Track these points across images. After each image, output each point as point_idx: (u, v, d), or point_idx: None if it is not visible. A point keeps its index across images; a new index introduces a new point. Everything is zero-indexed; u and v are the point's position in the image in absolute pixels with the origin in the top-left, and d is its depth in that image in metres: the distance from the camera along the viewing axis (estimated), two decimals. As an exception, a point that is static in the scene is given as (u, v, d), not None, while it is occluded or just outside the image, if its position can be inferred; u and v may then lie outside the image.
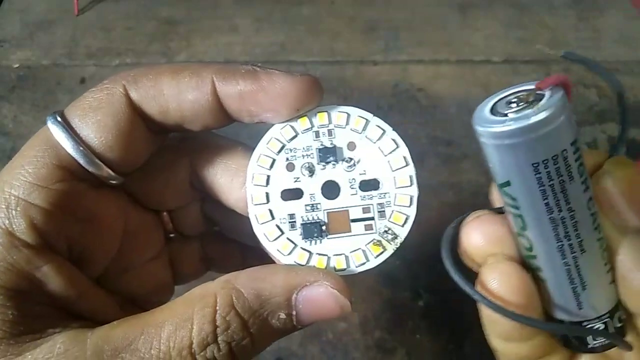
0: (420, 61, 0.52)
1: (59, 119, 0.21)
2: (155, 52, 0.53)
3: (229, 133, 0.25)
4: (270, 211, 0.22)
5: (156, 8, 0.56)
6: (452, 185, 0.45)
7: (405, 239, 0.22)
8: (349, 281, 0.21)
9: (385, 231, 0.22)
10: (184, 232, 0.28)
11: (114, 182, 0.23)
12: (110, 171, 0.22)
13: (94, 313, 0.21)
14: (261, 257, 0.23)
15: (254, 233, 0.23)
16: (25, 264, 0.20)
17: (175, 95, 0.22)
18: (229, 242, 0.30)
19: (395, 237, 0.22)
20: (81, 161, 0.21)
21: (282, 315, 0.20)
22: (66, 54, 0.53)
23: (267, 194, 0.22)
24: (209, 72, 0.22)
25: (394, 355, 0.40)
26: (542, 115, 0.16)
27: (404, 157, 0.23)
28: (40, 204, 0.20)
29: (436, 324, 0.41)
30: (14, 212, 0.20)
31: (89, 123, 0.21)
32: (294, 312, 0.20)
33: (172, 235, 0.28)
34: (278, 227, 0.22)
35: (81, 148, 0.21)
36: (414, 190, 0.22)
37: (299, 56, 0.53)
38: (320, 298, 0.20)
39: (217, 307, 0.19)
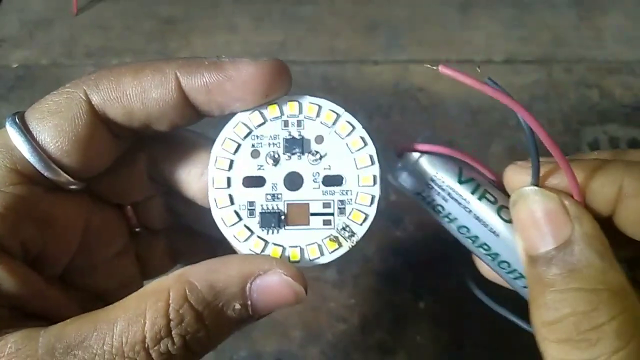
0: (420, 60, 0.51)
1: (17, 121, 0.21)
2: (154, 51, 0.53)
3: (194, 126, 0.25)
4: (230, 196, 0.22)
5: (155, 7, 0.56)
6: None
7: (362, 237, 0.22)
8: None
9: (344, 228, 0.22)
10: (150, 226, 0.28)
11: (73, 187, 0.22)
12: (68, 177, 0.22)
13: (50, 312, 0.21)
14: (230, 250, 0.23)
15: (212, 217, 0.22)
16: None
17: (139, 95, 0.21)
18: (196, 235, 0.29)
19: (353, 234, 0.22)
20: (37, 166, 0.21)
21: (237, 306, 0.20)
22: (65, 53, 0.53)
23: (228, 178, 0.22)
24: (172, 67, 0.21)
25: (395, 357, 0.40)
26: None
27: (370, 156, 0.22)
28: None
29: (437, 325, 0.41)
30: None
31: (47, 127, 0.21)
32: (249, 302, 0.20)
33: (137, 229, 0.28)
34: (236, 213, 0.22)
35: (38, 153, 0.21)
36: (375, 190, 0.22)
37: (299, 55, 0.52)
38: (274, 286, 0.20)
39: (170, 301, 0.19)
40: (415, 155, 0.24)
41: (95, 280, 0.26)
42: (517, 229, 0.21)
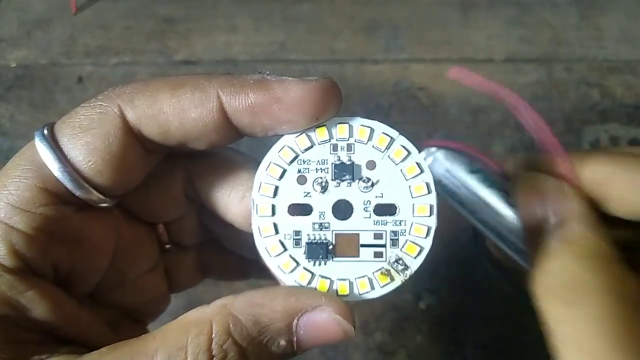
0: (421, 60, 0.51)
1: (46, 134, 0.20)
2: (153, 51, 0.53)
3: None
4: (275, 225, 0.21)
5: (155, 7, 0.55)
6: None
7: (416, 271, 0.21)
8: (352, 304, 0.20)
9: (396, 261, 0.21)
10: (181, 242, 0.27)
11: (104, 204, 0.22)
12: (100, 195, 0.21)
13: (83, 336, 0.20)
14: (262, 269, 0.22)
15: (255, 246, 0.21)
16: (8, 289, 0.19)
17: (177, 114, 0.20)
18: (227, 252, 0.28)
19: (406, 268, 0.21)
20: (68, 185, 0.20)
21: (282, 342, 0.19)
22: (64, 53, 0.53)
23: (273, 206, 0.21)
24: (214, 85, 0.20)
25: (395, 358, 0.40)
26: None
27: (427, 184, 0.21)
28: (22, 229, 0.19)
29: (437, 326, 0.41)
30: None
31: (78, 144, 0.20)
32: (294, 338, 0.19)
33: (167, 246, 0.27)
34: (281, 242, 0.21)
35: (68, 171, 0.20)
36: (432, 221, 0.21)
37: (299, 55, 0.52)
38: (322, 323, 0.19)
39: (213, 335, 0.18)
40: (432, 149, 0.24)
41: (125, 297, 0.25)
42: (521, 209, 0.22)
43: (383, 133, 0.21)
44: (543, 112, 0.48)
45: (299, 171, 0.21)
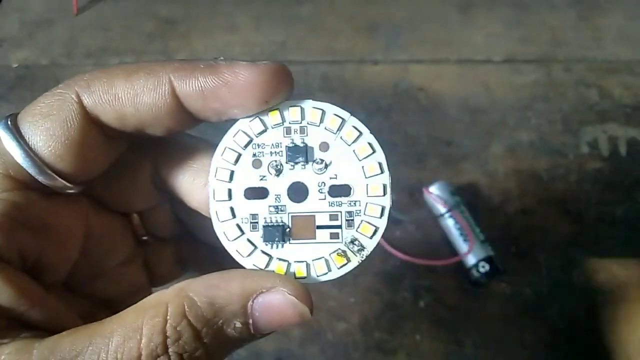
0: (420, 61, 0.51)
1: (10, 124, 0.20)
2: (154, 51, 0.53)
3: (194, 130, 0.24)
4: (232, 209, 0.21)
5: (155, 7, 0.56)
6: (451, 185, 0.45)
7: (372, 252, 0.21)
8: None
9: (352, 241, 0.21)
10: (157, 234, 0.27)
11: (70, 191, 0.22)
12: (64, 181, 0.21)
13: (48, 323, 0.20)
14: (233, 259, 0.22)
15: (213, 231, 0.21)
16: None
17: (131, 99, 0.20)
18: (203, 244, 0.28)
19: (362, 249, 0.21)
20: (31, 171, 0.20)
21: (238, 324, 0.19)
22: (65, 53, 0.53)
23: (229, 190, 0.21)
24: (167, 70, 0.20)
25: (395, 356, 0.40)
26: None
27: (380, 164, 0.21)
28: None
29: (437, 325, 0.41)
30: None
31: (39, 131, 0.20)
32: (250, 320, 0.19)
33: (144, 237, 0.27)
34: (239, 226, 0.21)
35: (30, 157, 0.20)
36: (386, 201, 0.21)
37: (299, 55, 0.52)
38: (277, 305, 0.19)
39: (168, 317, 0.18)
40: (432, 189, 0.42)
41: (102, 288, 0.25)
42: None
43: (334, 114, 0.21)
44: (542, 112, 0.49)
45: (254, 155, 0.21)
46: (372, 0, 0.56)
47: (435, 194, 0.43)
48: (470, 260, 0.42)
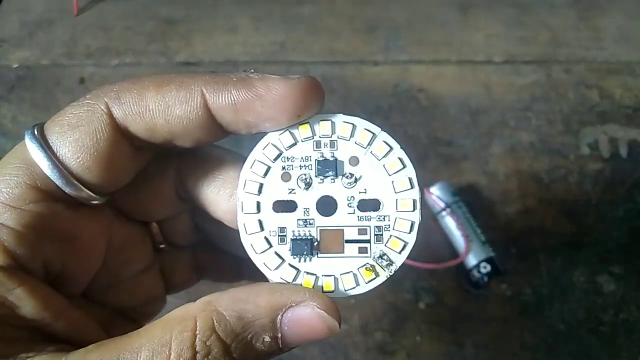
0: (420, 61, 0.51)
1: (36, 134, 0.20)
2: (154, 51, 0.53)
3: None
4: (260, 222, 0.21)
5: (156, 7, 0.56)
6: (453, 185, 0.45)
7: (401, 267, 0.21)
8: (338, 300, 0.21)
9: (381, 256, 0.21)
10: (175, 242, 0.27)
11: (95, 202, 0.22)
12: (90, 192, 0.21)
13: (72, 334, 0.20)
14: (255, 269, 0.22)
15: (241, 243, 0.21)
16: None
17: (162, 111, 0.20)
18: (222, 252, 0.28)
19: (391, 263, 0.21)
20: (58, 182, 0.20)
21: (267, 338, 0.19)
22: (65, 53, 0.53)
23: (258, 203, 0.21)
24: (198, 83, 0.20)
25: (395, 357, 0.40)
26: None
27: (410, 179, 0.21)
28: (12, 226, 0.19)
29: (437, 326, 0.41)
30: None
31: (67, 142, 0.20)
32: (279, 334, 0.19)
33: (162, 246, 0.27)
34: (266, 239, 0.21)
35: (58, 168, 0.20)
36: (416, 216, 0.21)
37: (299, 56, 0.52)
38: (306, 319, 0.19)
39: (197, 331, 0.18)
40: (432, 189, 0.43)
41: (119, 297, 0.25)
42: None
43: (365, 129, 0.21)
44: (542, 113, 0.49)
45: (283, 168, 0.21)
46: (372, 1, 0.56)
47: (435, 195, 0.43)
48: (471, 261, 0.42)
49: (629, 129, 0.48)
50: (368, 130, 0.21)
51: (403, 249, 0.21)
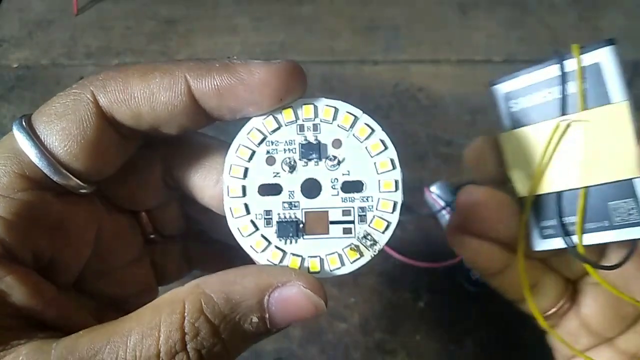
0: (420, 61, 0.52)
1: (24, 124, 0.20)
2: (154, 51, 0.53)
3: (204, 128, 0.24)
4: (246, 205, 0.21)
5: (155, 7, 0.56)
6: (452, 184, 0.45)
7: (385, 245, 0.21)
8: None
9: (365, 236, 0.21)
10: (165, 232, 0.27)
11: (83, 191, 0.22)
12: (78, 181, 0.21)
13: (62, 322, 0.20)
14: (246, 257, 0.22)
15: (227, 227, 0.22)
16: None
17: (147, 98, 0.20)
18: (213, 242, 0.29)
19: (375, 243, 0.21)
20: (46, 170, 0.20)
21: (255, 319, 0.19)
22: (65, 53, 0.53)
23: (243, 187, 0.21)
24: (182, 69, 0.20)
25: (395, 356, 0.40)
26: None
27: (392, 160, 0.21)
28: (1, 214, 0.19)
29: (437, 325, 0.41)
30: None
31: (54, 130, 0.20)
32: (266, 315, 0.19)
33: (152, 236, 0.27)
34: (253, 222, 0.21)
35: (45, 157, 0.20)
36: (398, 196, 0.21)
37: (299, 55, 0.52)
38: (293, 299, 0.19)
39: (186, 313, 0.18)
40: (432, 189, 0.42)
41: (110, 287, 0.25)
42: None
43: (347, 112, 0.22)
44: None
45: (268, 152, 0.22)
46: (372, 1, 0.56)
47: (435, 194, 0.44)
48: None
49: (629, 129, 0.48)
50: (350, 114, 0.22)
51: (386, 228, 0.21)
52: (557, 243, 0.25)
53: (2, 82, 0.52)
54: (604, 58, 0.25)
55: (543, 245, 0.26)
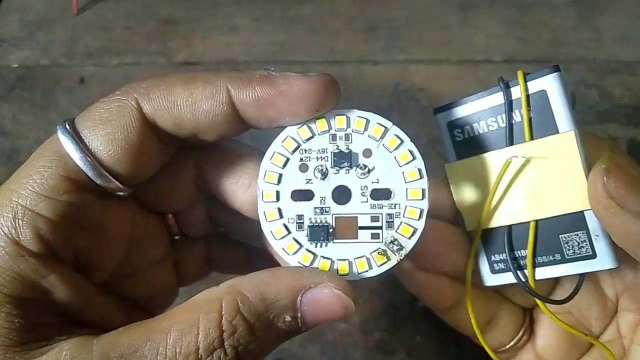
0: (420, 61, 0.52)
1: (68, 128, 0.21)
2: (154, 51, 0.53)
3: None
4: (279, 210, 0.22)
5: (156, 7, 0.56)
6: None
7: (411, 251, 0.22)
8: (352, 283, 0.21)
9: (392, 242, 0.22)
10: (189, 233, 0.28)
11: (121, 193, 0.23)
12: (118, 184, 0.22)
13: (99, 320, 0.21)
14: (266, 259, 0.23)
15: (261, 230, 0.23)
16: (32, 273, 0.20)
17: (190, 106, 0.21)
18: (233, 243, 0.30)
19: (401, 248, 0.22)
20: (89, 173, 0.21)
21: (288, 318, 0.20)
22: (65, 53, 0.53)
23: (277, 192, 0.23)
24: (224, 80, 0.22)
25: (395, 356, 0.40)
26: None
27: (419, 170, 0.22)
28: (47, 215, 0.20)
29: (436, 325, 0.41)
30: (20, 222, 0.20)
31: (99, 135, 0.21)
32: (299, 314, 0.20)
33: (177, 237, 0.28)
34: (285, 226, 0.22)
35: (90, 160, 0.21)
36: (424, 204, 0.22)
37: (299, 56, 0.52)
38: (324, 299, 0.20)
39: (223, 312, 0.19)
40: None
41: (136, 288, 0.26)
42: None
43: (378, 123, 0.23)
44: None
45: (301, 160, 0.23)
46: (372, 1, 0.56)
47: None
48: None
49: (629, 129, 0.48)
50: (381, 125, 0.23)
51: (413, 234, 0.22)
52: (508, 278, 0.25)
53: (2, 82, 0.52)
54: (550, 85, 0.24)
55: (494, 280, 0.26)
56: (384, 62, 0.52)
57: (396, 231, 0.22)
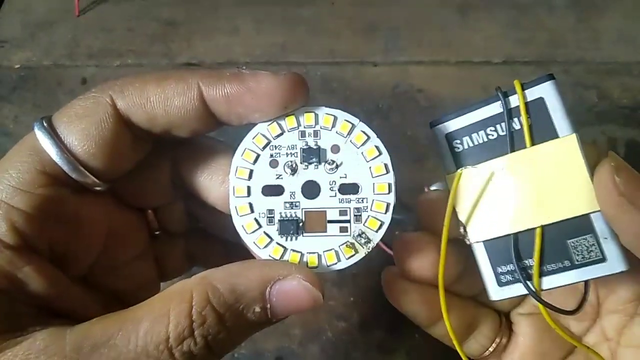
0: (420, 62, 0.52)
1: (45, 125, 0.22)
2: (156, 53, 0.53)
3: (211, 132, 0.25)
4: (250, 205, 0.23)
5: (157, 9, 0.56)
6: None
7: (378, 244, 0.23)
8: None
9: (359, 235, 0.23)
10: (169, 229, 0.29)
11: (98, 188, 0.23)
12: (94, 179, 0.23)
13: (74, 311, 0.22)
14: (244, 254, 0.24)
15: (233, 225, 0.23)
16: (6, 264, 0.20)
17: (162, 102, 0.22)
18: (212, 239, 0.30)
19: (369, 241, 0.23)
20: (65, 168, 0.22)
21: (257, 309, 0.20)
22: (67, 54, 0.53)
23: (248, 187, 0.23)
24: (195, 77, 0.22)
25: (394, 355, 0.40)
26: None
27: (385, 165, 0.23)
28: (22, 208, 0.21)
29: (436, 324, 0.41)
30: None
31: (74, 131, 0.22)
32: (268, 305, 0.21)
33: (157, 232, 0.28)
34: (256, 220, 0.23)
35: (65, 155, 0.21)
36: (391, 198, 0.23)
37: (299, 57, 0.53)
38: (293, 291, 0.21)
39: (194, 303, 0.20)
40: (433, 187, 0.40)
41: (115, 282, 0.26)
42: None
43: (345, 120, 0.23)
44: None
45: (271, 156, 0.23)
46: (372, 2, 0.56)
47: None
48: None
49: (627, 129, 0.48)
50: (348, 121, 0.23)
51: (380, 227, 0.23)
52: (517, 289, 0.24)
53: (4, 83, 0.52)
54: (547, 93, 0.24)
55: (501, 293, 0.25)
56: (383, 63, 0.52)
57: (364, 225, 0.23)
